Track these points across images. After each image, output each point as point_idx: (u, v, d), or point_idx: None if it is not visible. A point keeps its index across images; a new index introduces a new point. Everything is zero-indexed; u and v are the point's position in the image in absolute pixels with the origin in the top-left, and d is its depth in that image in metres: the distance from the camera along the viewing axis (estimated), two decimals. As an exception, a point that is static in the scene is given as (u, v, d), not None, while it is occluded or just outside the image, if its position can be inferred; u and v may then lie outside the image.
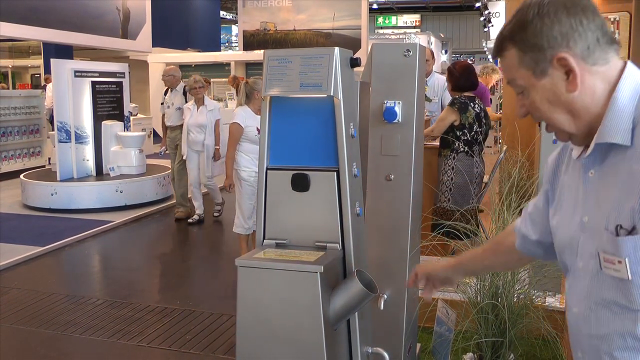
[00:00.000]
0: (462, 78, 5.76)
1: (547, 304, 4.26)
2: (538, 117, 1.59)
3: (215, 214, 9.21)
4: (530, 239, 1.88)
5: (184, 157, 8.71)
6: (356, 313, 2.48)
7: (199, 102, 8.55)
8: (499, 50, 1.58)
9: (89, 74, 9.91)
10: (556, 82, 1.50)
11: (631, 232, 1.41)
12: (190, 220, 8.87)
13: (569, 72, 1.48)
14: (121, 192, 9.38)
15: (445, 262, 2.33)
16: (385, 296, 3.20)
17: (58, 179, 9.60)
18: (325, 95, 2.39)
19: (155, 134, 16.98)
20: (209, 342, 4.83)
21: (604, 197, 1.49)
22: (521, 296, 3.77)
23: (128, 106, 10.94)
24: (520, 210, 3.82)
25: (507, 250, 2.02)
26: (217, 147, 8.61)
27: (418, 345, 3.92)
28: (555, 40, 1.47)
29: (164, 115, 9.39)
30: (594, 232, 1.50)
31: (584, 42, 1.46)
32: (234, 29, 34.26)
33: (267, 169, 2.51)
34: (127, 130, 10.69)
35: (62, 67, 9.72)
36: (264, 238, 2.53)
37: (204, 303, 5.70)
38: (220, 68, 19.40)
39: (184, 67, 20.00)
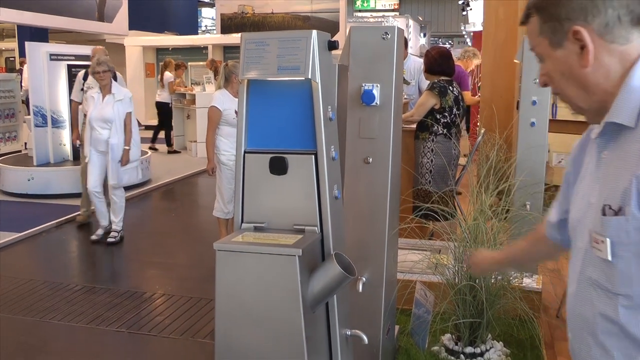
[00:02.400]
0: (437, 63, 5.79)
1: (524, 284, 4.31)
2: (552, 87, 1.58)
3: (111, 240, 7.07)
4: (551, 222, 1.89)
5: (87, 160, 7.06)
6: (335, 296, 2.48)
7: (105, 90, 6.87)
8: (525, 16, 1.58)
9: (65, 57, 9.79)
10: (570, 55, 1.49)
11: (617, 212, 1.42)
12: (93, 238, 7.17)
13: (583, 46, 1.46)
14: (99, 176, 9.25)
15: (496, 255, 2.36)
16: (364, 279, 3.22)
17: (35, 163, 9.51)
18: (303, 78, 2.38)
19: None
20: (188, 327, 4.83)
21: (610, 179, 1.48)
22: (498, 277, 3.81)
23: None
24: (498, 192, 3.85)
25: (542, 239, 2.00)
26: (127, 147, 6.91)
27: (397, 327, 3.95)
28: (573, 12, 1.46)
29: (80, 103, 8.02)
30: (594, 212, 1.51)
31: (603, 18, 1.44)
32: (212, 11, 34.02)
33: (245, 152, 2.50)
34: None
35: (37, 51, 9.61)
36: (242, 222, 2.52)
37: (183, 287, 5.70)
38: (198, 51, 19.31)
39: (161, 51, 19.96)
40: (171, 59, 15.03)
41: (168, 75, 14.11)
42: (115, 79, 7.14)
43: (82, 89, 7.95)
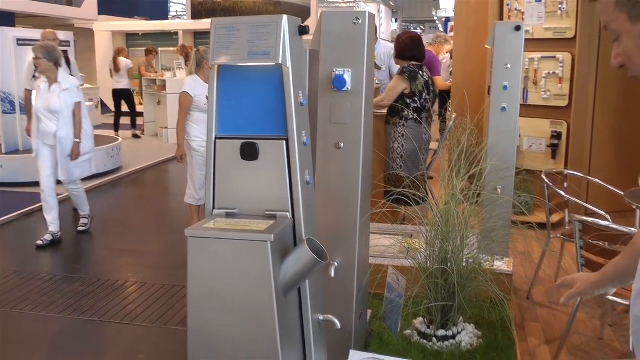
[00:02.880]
0: (407, 48, 5.81)
1: (495, 267, 4.35)
2: (631, 68, 1.46)
3: (81, 228, 7.04)
4: None
5: (34, 155, 6.63)
6: (307, 281, 2.49)
7: (51, 79, 6.42)
8: None
9: (33, 42, 9.62)
10: None
11: None
12: (38, 242, 6.53)
13: None
14: (69, 164, 9.15)
15: (592, 277, 2.10)
16: (336, 264, 3.23)
17: (3, 151, 9.39)
18: (274, 64, 2.37)
19: (103, 104, 16.73)
20: (161, 314, 4.81)
21: None
22: (470, 261, 3.84)
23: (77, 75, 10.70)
24: (470, 177, 3.88)
25: None
26: (77, 140, 6.49)
27: (369, 312, 3.97)
28: None
29: (30, 92, 7.56)
30: None
31: None
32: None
33: (216, 138, 2.49)
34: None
35: (4, 35, 9.47)
36: (213, 208, 2.52)
37: (155, 275, 5.68)
38: (169, 37, 19.16)
39: (131, 36, 19.77)
40: (123, 46, 14.92)
41: (126, 61, 14.01)
42: (69, 65, 6.75)
43: (34, 76, 7.53)
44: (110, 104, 16.03)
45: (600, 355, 4.14)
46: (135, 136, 13.95)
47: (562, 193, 4.76)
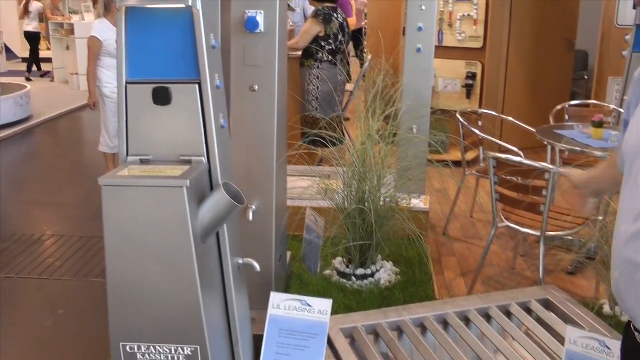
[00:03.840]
0: None
1: (411, 205, 4.44)
2: None
3: None
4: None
5: None
6: (225, 225, 2.49)
7: None
8: None
9: None
10: None
11: None
12: None
13: None
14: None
15: (595, 172, 2.13)
16: (254, 207, 3.24)
17: None
18: (184, 5, 2.32)
19: (7, 49, 16.04)
20: (80, 267, 4.74)
21: None
22: (387, 199, 3.91)
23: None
24: (385, 117, 3.92)
25: (614, 165, 1.82)
26: None
27: (288, 254, 4.01)
28: None
29: None
30: None
31: None
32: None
33: (126, 83, 2.43)
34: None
35: None
36: (127, 155, 2.47)
37: (72, 227, 5.57)
38: (76, -21, 18.38)
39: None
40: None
41: (38, 4, 13.47)
42: None
43: None
44: (17, 49, 15.42)
45: (513, 284, 4.32)
46: (28, 79, 13.53)
47: (476, 131, 4.87)
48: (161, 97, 2.39)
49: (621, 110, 4.82)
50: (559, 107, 5.62)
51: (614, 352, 2.62)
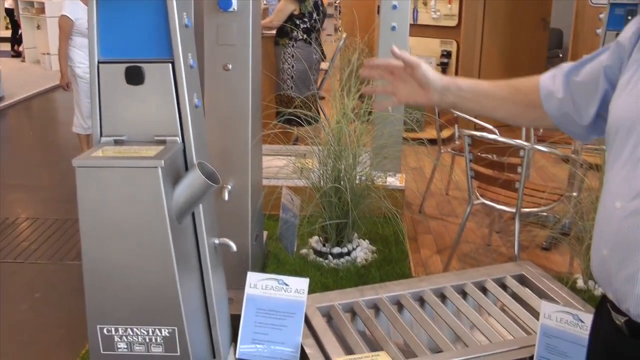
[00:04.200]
0: None
1: (387, 183, 4.45)
2: None
3: None
4: (556, 96, 1.63)
5: None
6: (200, 205, 2.48)
7: None
8: None
9: None
10: None
11: None
12: None
13: None
14: None
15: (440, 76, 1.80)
16: (229, 187, 3.23)
17: None
18: (156, -17, 2.29)
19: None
20: (56, 250, 4.70)
21: None
22: (363, 178, 3.91)
23: None
24: (360, 96, 3.91)
25: (526, 103, 1.71)
26: None
27: (265, 233, 4.01)
28: None
29: None
30: None
31: None
32: None
33: (99, 62, 2.39)
34: None
35: None
36: (101, 136, 2.44)
37: (47, 210, 5.52)
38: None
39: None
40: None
41: None
42: None
43: None
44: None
45: (488, 260, 4.36)
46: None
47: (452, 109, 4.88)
48: (134, 76, 2.36)
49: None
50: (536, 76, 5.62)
51: (588, 326, 2.66)
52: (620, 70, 1.49)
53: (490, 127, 4.63)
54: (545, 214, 4.27)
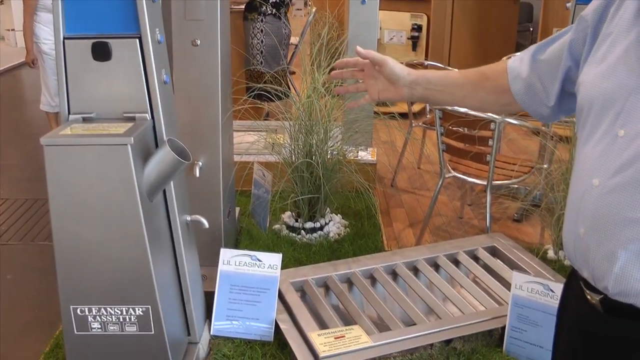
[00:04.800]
0: None
1: (359, 157, 4.45)
2: None
3: None
4: (522, 77, 1.63)
5: None
6: (171, 182, 2.46)
7: None
8: None
9: None
10: None
11: None
12: None
13: None
14: None
15: (410, 75, 1.81)
16: (200, 163, 3.21)
17: None
18: (121, -43, 2.25)
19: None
20: (27, 231, 4.64)
21: None
22: (334, 152, 3.91)
23: None
24: (331, 70, 3.89)
25: (495, 88, 1.71)
26: None
27: (237, 209, 3.99)
28: None
29: None
30: None
31: None
32: None
33: (64, 38, 2.35)
34: None
35: None
36: (69, 113, 2.40)
37: (16, 190, 5.44)
38: None
39: None
40: None
41: None
42: None
43: None
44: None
45: (460, 233, 4.39)
46: None
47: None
48: (101, 52, 2.32)
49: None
50: (504, 58, 5.65)
51: (558, 295, 2.70)
52: (584, 45, 1.48)
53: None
54: (516, 186, 4.31)
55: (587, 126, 1.41)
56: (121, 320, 2.39)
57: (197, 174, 3.14)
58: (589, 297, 1.43)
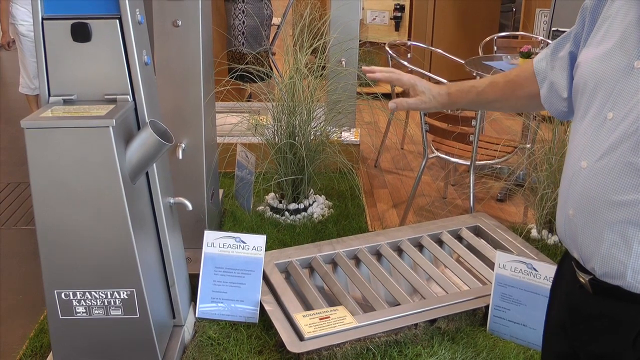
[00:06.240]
0: None
1: (342, 138, 4.44)
2: None
3: None
4: (562, 96, 1.60)
5: None
6: (154, 165, 2.44)
7: None
8: None
9: None
10: None
11: None
12: None
13: None
14: None
15: (443, 99, 1.94)
16: (183, 145, 3.19)
17: None
18: None
19: None
20: (9, 215, 4.60)
21: None
22: (317, 133, 3.90)
23: None
24: (313, 50, 3.88)
25: (527, 95, 1.72)
26: None
27: (221, 191, 3.98)
28: None
29: None
30: None
31: None
32: None
33: (43, 19, 2.31)
34: None
35: None
36: (49, 95, 2.37)
37: (-4, 172, 5.40)
38: None
39: None
40: None
41: None
42: None
43: None
44: None
45: (444, 213, 4.40)
46: None
47: (406, 63, 4.87)
48: (80, 33, 2.29)
49: (549, 41, 4.89)
50: (487, 39, 5.67)
51: (541, 274, 2.71)
52: (583, 29, 1.50)
53: (444, 81, 4.63)
54: (499, 166, 4.32)
55: (581, 108, 1.43)
56: (106, 304, 2.38)
57: (180, 156, 3.12)
58: (580, 277, 1.45)
